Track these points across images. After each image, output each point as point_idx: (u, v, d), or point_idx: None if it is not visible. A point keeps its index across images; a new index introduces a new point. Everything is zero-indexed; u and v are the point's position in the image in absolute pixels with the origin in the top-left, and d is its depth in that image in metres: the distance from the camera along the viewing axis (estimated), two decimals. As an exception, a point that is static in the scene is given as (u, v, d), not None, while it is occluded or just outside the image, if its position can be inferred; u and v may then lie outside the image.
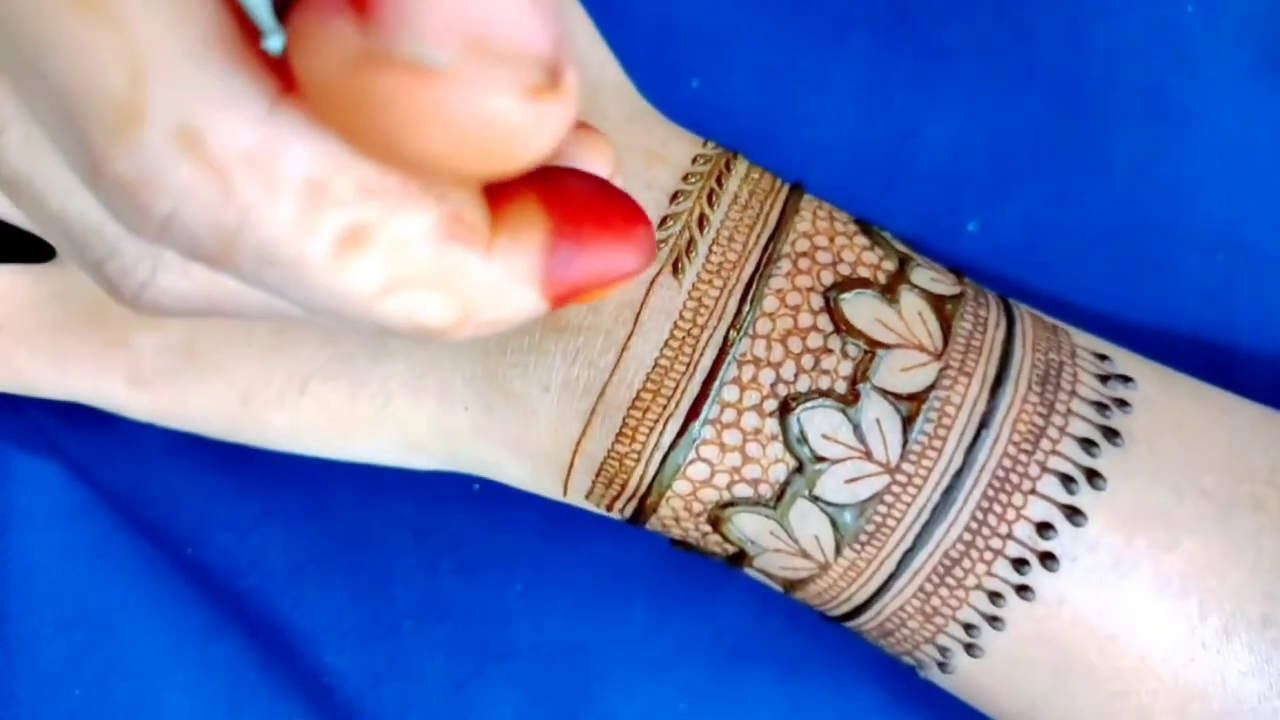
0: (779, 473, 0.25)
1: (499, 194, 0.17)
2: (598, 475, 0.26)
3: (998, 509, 0.25)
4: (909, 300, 0.26)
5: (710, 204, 0.26)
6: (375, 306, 0.16)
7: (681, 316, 0.25)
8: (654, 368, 0.25)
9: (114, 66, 0.14)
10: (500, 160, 0.14)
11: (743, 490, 0.25)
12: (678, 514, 0.26)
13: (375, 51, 0.13)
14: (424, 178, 0.15)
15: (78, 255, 0.19)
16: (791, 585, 0.27)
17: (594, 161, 0.21)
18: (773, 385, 0.25)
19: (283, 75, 0.15)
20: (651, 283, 0.26)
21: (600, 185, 0.20)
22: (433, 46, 0.13)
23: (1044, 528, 0.25)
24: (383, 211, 0.15)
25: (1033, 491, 0.25)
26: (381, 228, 0.15)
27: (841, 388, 0.25)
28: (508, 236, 0.17)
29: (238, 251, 0.15)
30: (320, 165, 0.15)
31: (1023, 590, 0.25)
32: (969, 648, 0.26)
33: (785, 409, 0.25)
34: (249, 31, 0.14)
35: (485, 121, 0.13)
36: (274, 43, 0.14)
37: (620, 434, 0.25)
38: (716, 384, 0.25)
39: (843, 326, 0.25)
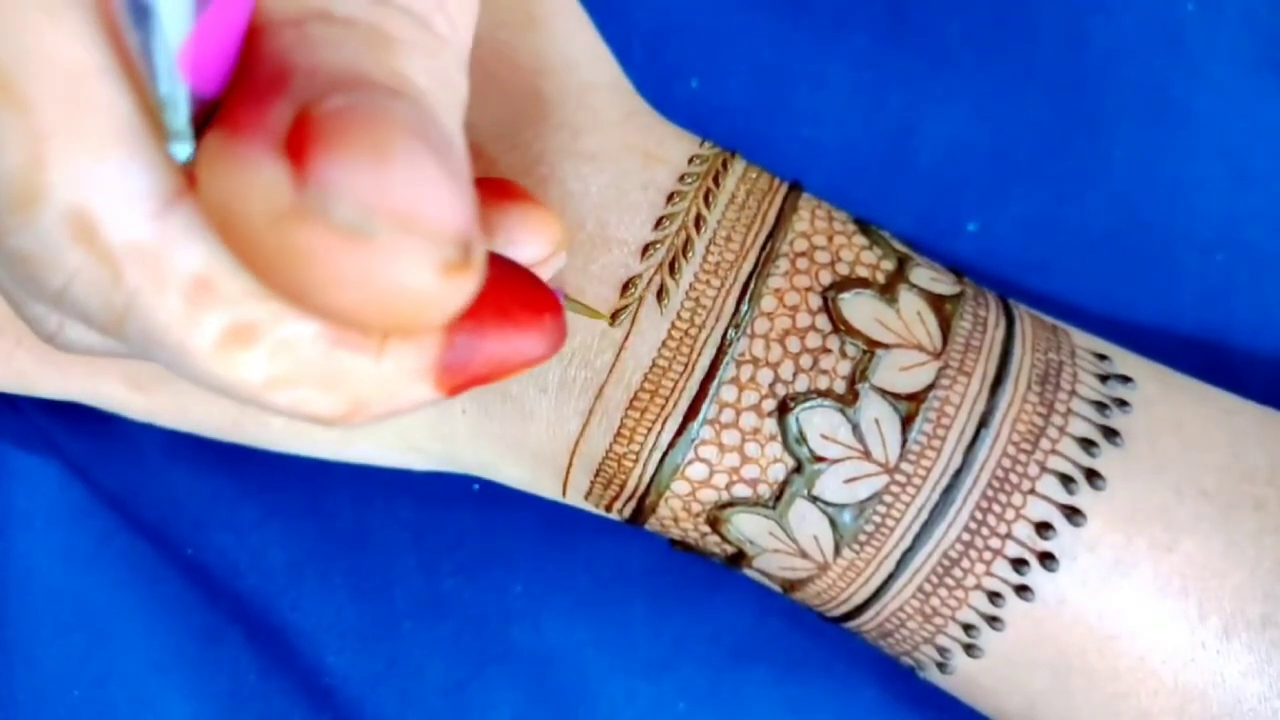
0: (778, 473, 0.25)
1: None
2: (596, 475, 0.26)
3: (997, 509, 0.25)
4: (908, 300, 0.26)
5: (707, 204, 0.26)
6: (262, 396, 0.16)
7: (679, 316, 0.25)
8: (652, 368, 0.25)
9: (16, 147, 0.14)
10: (405, 323, 0.14)
11: (741, 490, 0.25)
12: (676, 514, 0.26)
13: (306, 208, 0.13)
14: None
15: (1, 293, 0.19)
16: (791, 585, 0.27)
17: (532, 239, 0.21)
18: (771, 385, 0.25)
19: (187, 172, 0.15)
20: (649, 283, 0.25)
21: (509, 271, 0.20)
22: (366, 216, 0.13)
23: (1043, 528, 0.25)
24: (270, 314, 0.15)
25: (1032, 491, 0.25)
26: (268, 328, 0.15)
27: (840, 387, 0.25)
28: (400, 336, 0.17)
29: (126, 329, 0.16)
30: (208, 265, 0.15)
31: (1022, 590, 0.25)
32: (968, 648, 0.26)
33: (784, 409, 0.25)
34: (158, 127, 0.14)
35: (399, 291, 0.13)
36: (181, 151, 0.15)
37: (618, 434, 0.25)
38: (715, 384, 0.25)
39: (841, 326, 0.25)
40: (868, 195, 0.33)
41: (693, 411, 0.25)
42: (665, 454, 0.25)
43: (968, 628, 0.25)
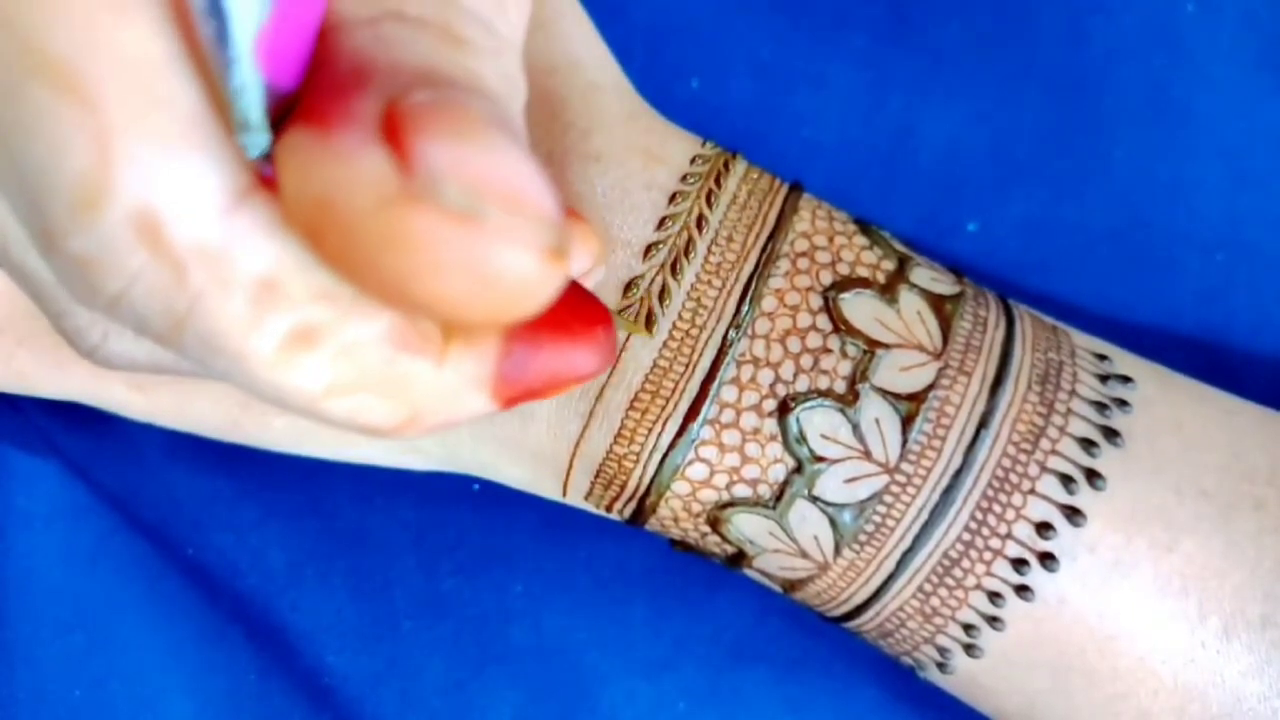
0: (778, 473, 0.25)
1: None
2: (596, 476, 0.26)
3: (997, 509, 0.25)
4: (908, 300, 0.26)
5: (709, 204, 0.26)
6: (319, 404, 0.16)
7: (680, 317, 0.25)
8: (652, 368, 0.25)
9: (82, 146, 0.14)
10: (502, 312, 0.14)
11: (742, 490, 0.25)
12: (677, 515, 0.26)
13: (416, 191, 0.13)
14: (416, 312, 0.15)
15: (37, 305, 0.19)
16: (791, 586, 0.27)
17: (576, 254, 0.21)
18: (772, 385, 0.25)
19: (256, 169, 0.15)
20: (651, 284, 0.25)
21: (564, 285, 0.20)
22: (474, 194, 0.13)
23: (1044, 528, 0.25)
24: (334, 315, 0.15)
25: (1032, 491, 0.25)
26: (332, 331, 0.15)
27: (840, 387, 0.25)
28: (462, 342, 0.17)
29: (184, 335, 0.15)
30: (276, 265, 0.15)
31: (1022, 590, 0.25)
32: (968, 648, 0.26)
33: (784, 409, 0.25)
34: (229, 121, 0.14)
35: (504, 274, 0.13)
36: (255, 144, 0.14)
37: (619, 435, 0.25)
38: (715, 384, 0.25)
39: (842, 326, 0.25)
40: (868, 195, 0.33)
41: (693, 412, 0.25)
42: (666, 454, 0.25)
43: (968, 628, 0.25)
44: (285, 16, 0.13)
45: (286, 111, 0.14)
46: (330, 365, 0.16)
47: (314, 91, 0.14)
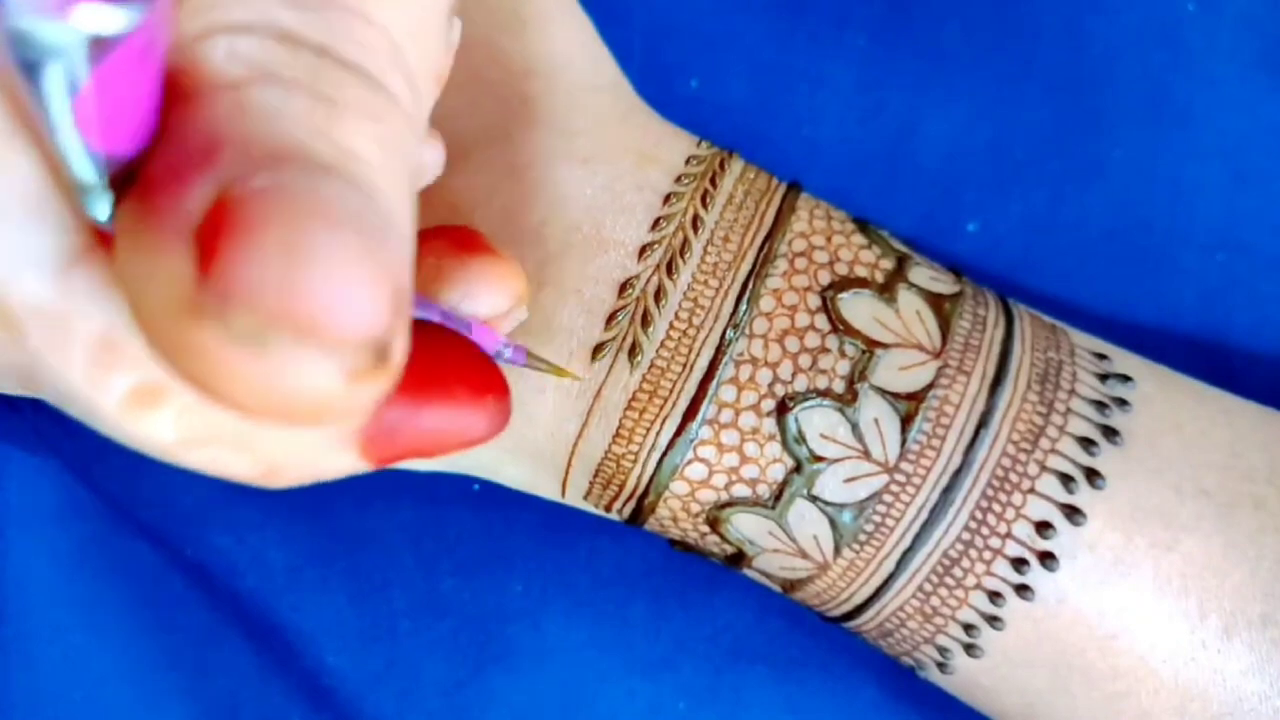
0: (777, 472, 0.25)
1: None
2: (595, 476, 0.26)
3: (997, 508, 0.25)
4: (907, 299, 0.26)
5: (704, 205, 0.26)
6: (175, 454, 0.16)
7: (677, 317, 0.25)
8: (650, 368, 0.25)
9: None
10: (304, 422, 0.13)
11: (741, 490, 0.25)
12: (676, 514, 0.26)
13: (204, 309, 0.12)
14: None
15: None
16: (790, 585, 0.27)
17: (490, 293, 0.21)
18: (770, 385, 0.25)
19: (96, 229, 0.14)
20: (646, 284, 0.25)
21: (453, 344, 0.19)
22: (263, 327, 0.12)
23: (1043, 527, 0.25)
24: None
25: (1032, 490, 0.25)
26: (174, 389, 0.15)
27: (839, 387, 0.25)
28: None
29: (37, 387, 0.15)
30: (114, 325, 0.15)
31: (1022, 590, 0.25)
32: (968, 648, 0.26)
33: (783, 408, 0.25)
34: (67, 184, 0.14)
35: (294, 397, 0.13)
36: (96, 204, 0.14)
37: (617, 434, 0.25)
38: (714, 384, 0.25)
39: (840, 326, 0.25)
40: (867, 195, 0.33)
41: (691, 412, 0.25)
42: (664, 454, 0.25)
43: (968, 627, 0.25)
44: (112, 78, 0.13)
45: (132, 170, 0.14)
46: (176, 421, 0.15)
47: (158, 161, 0.14)
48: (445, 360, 0.19)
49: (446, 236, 0.21)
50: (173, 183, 0.13)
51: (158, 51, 0.13)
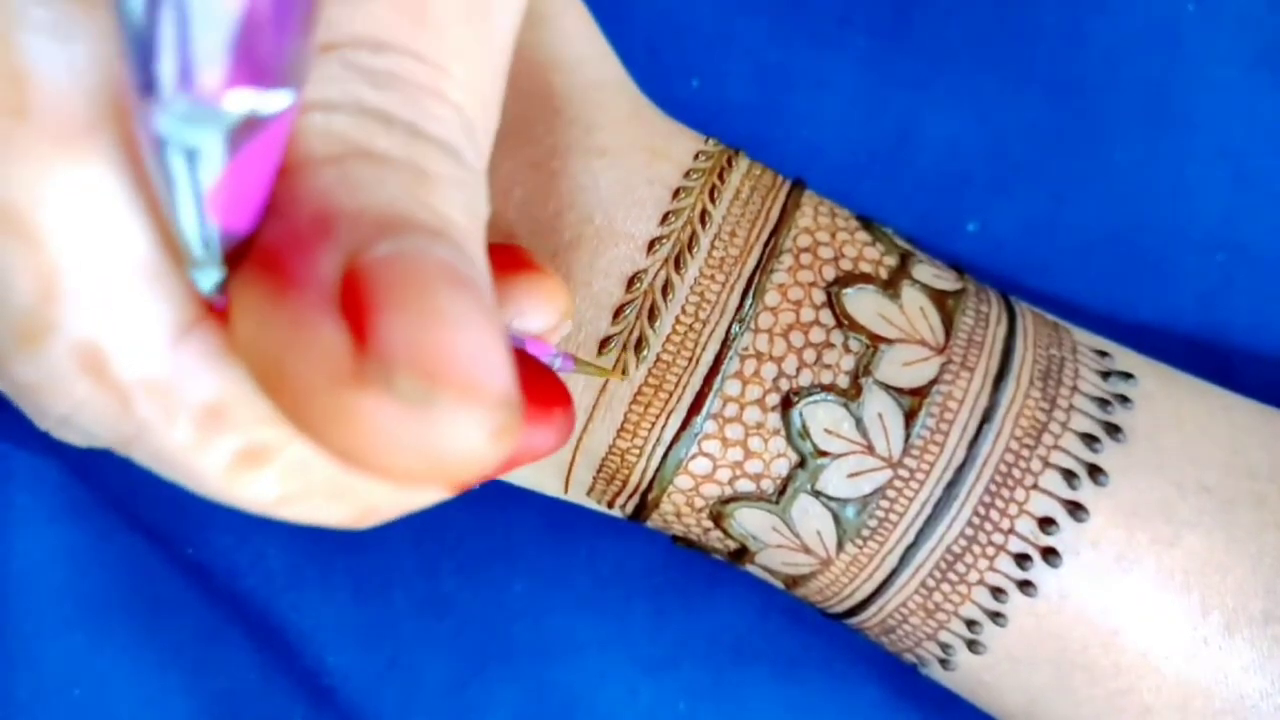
0: (781, 467, 0.25)
1: None
2: (599, 471, 0.26)
3: (1000, 504, 0.25)
4: (911, 295, 0.26)
5: (712, 200, 0.26)
6: (275, 510, 0.16)
7: (684, 311, 0.25)
8: (656, 362, 0.25)
9: (26, 282, 0.14)
10: (446, 480, 0.14)
11: (745, 485, 0.25)
12: (679, 510, 0.26)
13: (369, 376, 0.13)
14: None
15: None
16: (793, 581, 0.27)
17: (541, 310, 0.21)
18: (775, 379, 0.25)
19: (203, 301, 0.15)
20: (654, 278, 0.26)
21: (522, 365, 0.19)
22: (430, 388, 0.13)
23: (1046, 523, 0.25)
24: (281, 435, 0.15)
25: (1035, 486, 0.25)
26: (279, 450, 0.15)
27: (844, 382, 0.25)
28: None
29: (136, 452, 0.15)
30: (222, 393, 0.15)
31: (1025, 586, 0.25)
32: (971, 644, 0.26)
33: (787, 403, 0.25)
34: (177, 253, 0.14)
35: (451, 455, 0.13)
36: (206, 280, 0.14)
37: (622, 429, 0.25)
38: (719, 378, 0.25)
39: (845, 321, 0.25)
40: (868, 195, 0.33)
41: (696, 406, 0.25)
42: (669, 449, 0.25)
43: (971, 623, 0.25)
44: (244, 165, 0.13)
45: (242, 244, 0.14)
46: (280, 480, 0.16)
47: (273, 235, 0.14)
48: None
49: (496, 256, 0.21)
50: (297, 254, 0.13)
51: (286, 135, 0.14)
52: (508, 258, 0.21)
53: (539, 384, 0.20)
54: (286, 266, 0.13)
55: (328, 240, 0.13)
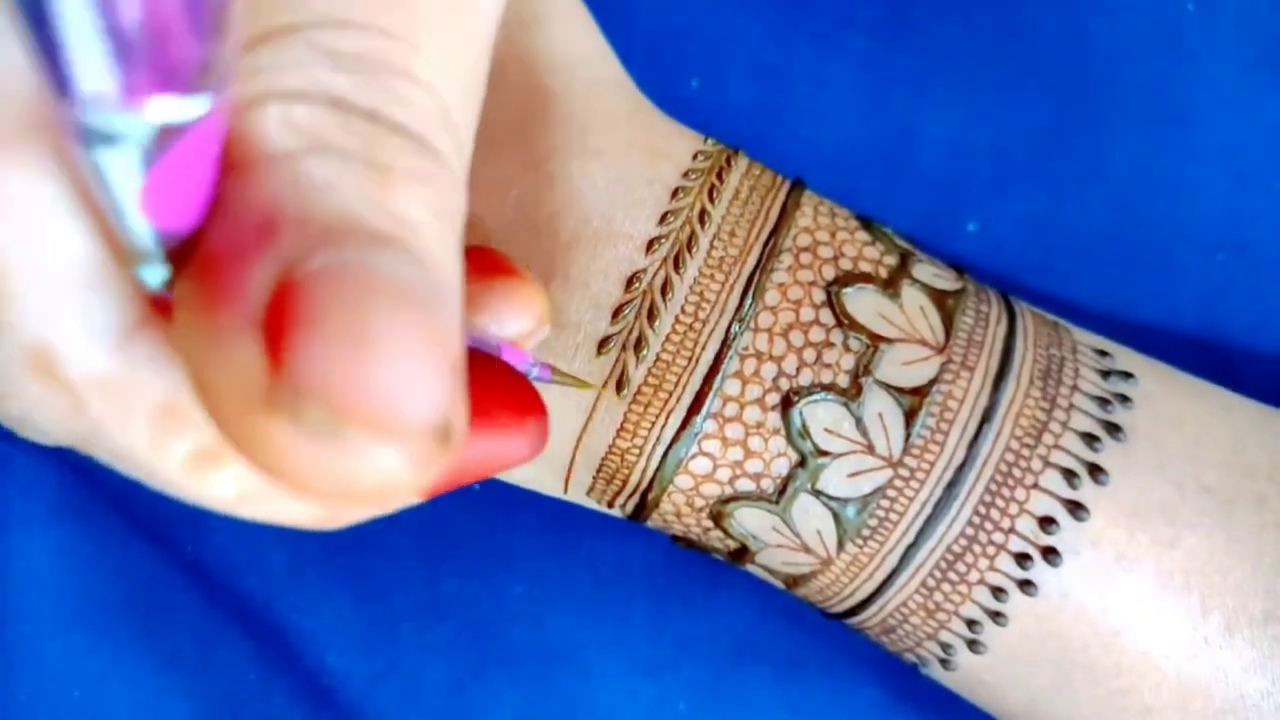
0: (781, 467, 0.25)
1: None
2: (599, 471, 0.26)
3: (1000, 503, 0.25)
4: (911, 295, 0.26)
5: (711, 199, 0.26)
6: (235, 509, 0.16)
7: (683, 311, 0.25)
8: (655, 362, 0.25)
9: None
10: (368, 503, 0.14)
11: (745, 485, 0.25)
12: (679, 509, 0.26)
13: (277, 403, 0.12)
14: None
15: None
16: (793, 581, 0.27)
17: (517, 315, 0.21)
18: (775, 379, 0.25)
19: (152, 298, 0.15)
20: (653, 278, 0.26)
21: (493, 371, 0.19)
22: (336, 420, 0.12)
23: (1047, 522, 0.25)
24: None
25: (1035, 486, 0.25)
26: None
27: (844, 381, 0.25)
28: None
29: (96, 451, 0.15)
30: (175, 391, 0.15)
31: (1025, 585, 0.25)
32: (971, 644, 0.26)
33: (787, 402, 0.25)
34: (123, 255, 0.14)
35: (364, 482, 0.13)
36: (152, 277, 0.14)
37: (621, 429, 0.25)
38: (719, 378, 0.25)
39: (845, 321, 0.25)
40: (868, 195, 0.33)
41: (696, 405, 0.25)
42: (669, 448, 0.25)
43: (971, 623, 0.25)
44: (176, 163, 0.13)
45: (191, 240, 0.14)
46: (238, 480, 0.15)
47: (216, 238, 0.14)
48: (485, 387, 0.19)
49: (472, 260, 0.21)
50: (234, 264, 0.13)
51: (219, 134, 0.13)
52: (484, 261, 0.21)
53: (511, 391, 0.19)
54: (220, 275, 0.13)
55: (265, 250, 0.13)
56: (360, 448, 0.12)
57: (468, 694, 0.32)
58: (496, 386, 0.20)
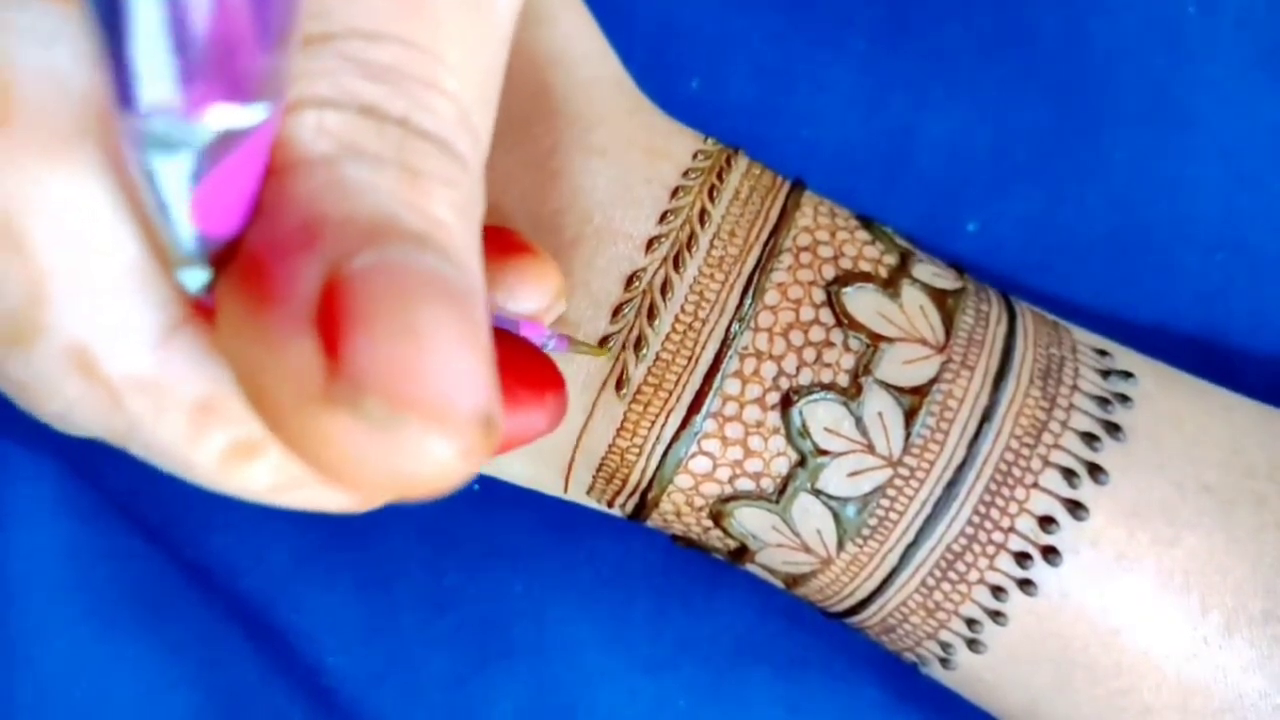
0: (781, 466, 0.25)
1: None
2: (599, 470, 0.26)
3: (1000, 503, 0.25)
4: (911, 294, 0.26)
5: (711, 199, 0.26)
6: (270, 499, 0.16)
7: (683, 310, 0.25)
8: (655, 361, 0.25)
9: (15, 287, 0.14)
10: (417, 492, 0.14)
11: (745, 484, 0.25)
12: (679, 509, 0.26)
13: (337, 397, 0.13)
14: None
15: None
16: (793, 580, 0.27)
17: (533, 292, 0.21)
18: (775, 378, 0.25)
19: (191, 300, 0.15)
20: (653, 277, 0.26)
21: (514, 348, 0.20)
22: (395, 412, 0.13)
23: (1046, 521, 0.25)
24: None
25: (1035, 485, 0.25)
26: (271, 441, 0.15)
27: (844, 381, 0.25)
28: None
29: (130, 445, 0.16)
30: (212, 388, 0.15)
31: (1025, 585, 0.25)
32: (971, 643, 0.26)
33: (787, 402, 0.25)
34: (164, 255, 0.14)
35: (418, 473, 0.13)
36: (193, 281, 0.14)
37: (621, 428, 0.25)
38: (718, 377, 0.25)
39: (845, 320, 0.25)
40: (868, 196, 0.33)
41: (696, 405, 0.25)
42: (668, 447, 0.25)
43: (971, 622, 0.25)
44: (227, 172, 0.13)
45: (231, 244, 0.14)
46: (273, 471, 0.16)
47: (259, 240, 0.14)
48: (506, 363, 0.19)
49: (488, 239, 0.21)
50: (280, 265, 0.13)
51: (270, 142, 0.14)
52: (500, 241, 0.21)
53: (531, 367, 0.20)
54: (267, 276, 0.13)
55: (311, 249, 0.13)
56: (417, 439, 0.13)
57: (468, 691, 0.32)
58: (517, 364, 0.20)
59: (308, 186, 0.14)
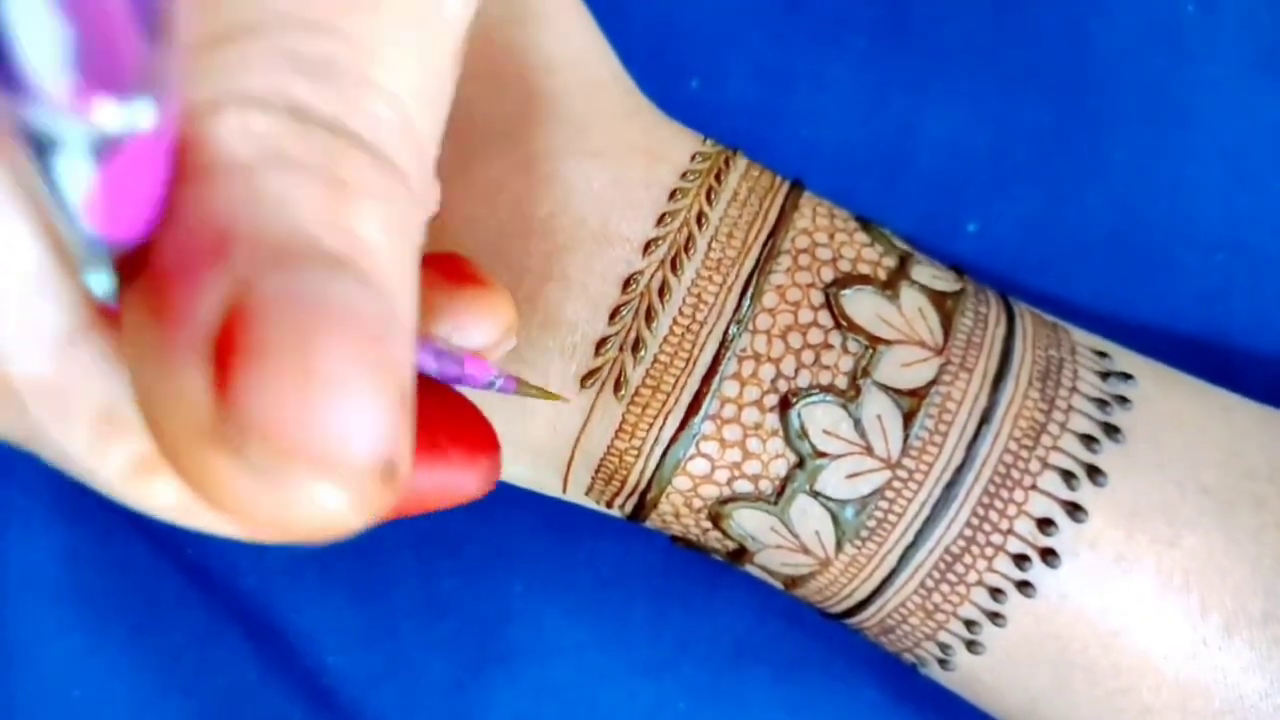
0: (779, 468, 0.25)
1: None
2: (597, 471, 0.26)
3: (999, 505, 0.25)
4: (910, 296, 0.26)
5: (709, 201, 0.26)
6: (182, 519, 0.16)
7: (681, 312, 0.25)
8: (653, 363, 0.25)
9: None
10: (310, 537, 0.13)
11: (743, 486, 0.25)
12: (678, 510, 0.26)
13: (222, 436, 0.12)
14: None
15: None
16: (792, 582, 0.27)
17: (481, 325, 0.20)
18: (773, 380, 0.25)
19: (97, 304, 0.14)
20: (651, 280, 0.26)
21: (447, 402, 0.19)
22: (279, 460, 0.12)
23: (1045, 523, 0.25)
24: None
25: (1034, 487, 0.25)
26: None
27: (842, 383, 0.25)
28: None
29: (40, 451, 0.15)
30: (116, 398, 0.14)
31: (1024, 586, 0.25)
32: (970, 644, 0.26)
33: (785, 404, 0.25)
34: (70, 258, 0.14)
35: (306, 520, 0.13)
36: (98, 284, 0.14)
37: (620, 429, 0.25)
38: (717, 379, 0.25)
39: (843, 322, 0.25)
40: (868, 196, 0.33)
41: (694, 407, 0.25)
42: (667, 449, 0.25)
43: (970, 624, 0.25)
44: (120, 175, 0.12)
45: (141, 250, 0.13)
46: (179, 490, 0.15)
47: (167, 250, 0.13)
48: (437, 418, 0.19)
49: (435, 266, 0.20)
50: (184, 281, 0.13)
51: (169, 141, 0.13)
52: (448, 268, 0.20)
53: (463, 425, 0.19)
54: (168, 292, 0.13)
55: (218, 268, 0.13)
56: (302, 486, 0.12)
57: (467, 693, 0.32)
58: (450, 420, 0.19)
59: (222, 196, 0.13)
